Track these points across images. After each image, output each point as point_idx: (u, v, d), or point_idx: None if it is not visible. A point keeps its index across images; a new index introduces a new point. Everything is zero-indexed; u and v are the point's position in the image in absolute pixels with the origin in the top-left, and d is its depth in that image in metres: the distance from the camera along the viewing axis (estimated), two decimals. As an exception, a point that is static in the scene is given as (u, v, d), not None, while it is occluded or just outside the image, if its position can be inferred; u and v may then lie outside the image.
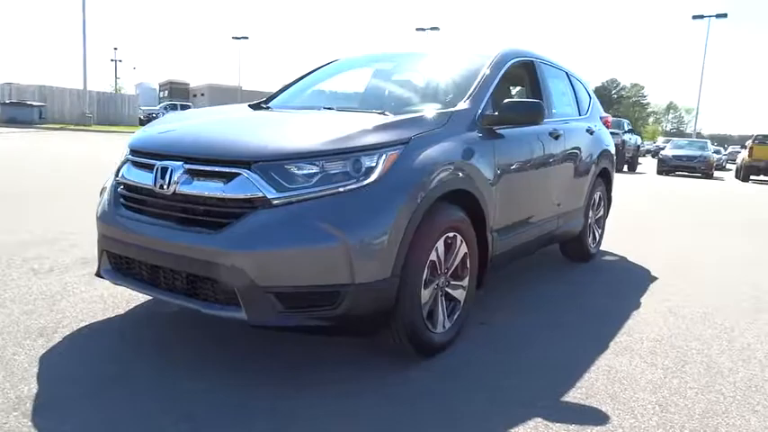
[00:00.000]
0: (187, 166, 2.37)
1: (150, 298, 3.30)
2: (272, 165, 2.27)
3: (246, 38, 60.93)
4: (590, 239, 4.80)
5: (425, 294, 2.53)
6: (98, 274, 2.75)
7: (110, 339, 2.77)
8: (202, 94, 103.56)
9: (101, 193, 2.93)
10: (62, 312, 3.03)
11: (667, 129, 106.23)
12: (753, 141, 20.74)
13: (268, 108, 3.51)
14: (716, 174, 23.07)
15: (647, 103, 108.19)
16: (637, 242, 5.95)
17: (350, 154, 2.32)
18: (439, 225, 2.53)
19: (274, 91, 3.94)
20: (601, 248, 5.24)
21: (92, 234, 2.87)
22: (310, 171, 2.27)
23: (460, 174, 2.71)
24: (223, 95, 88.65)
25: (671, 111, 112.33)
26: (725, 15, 37.16)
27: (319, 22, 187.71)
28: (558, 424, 2.16)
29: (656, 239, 6.39)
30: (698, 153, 21.69)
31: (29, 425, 1.98)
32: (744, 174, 20.78)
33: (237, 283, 2.19)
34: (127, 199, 2.62)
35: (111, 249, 2.64)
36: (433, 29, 50.38)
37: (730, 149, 40.61)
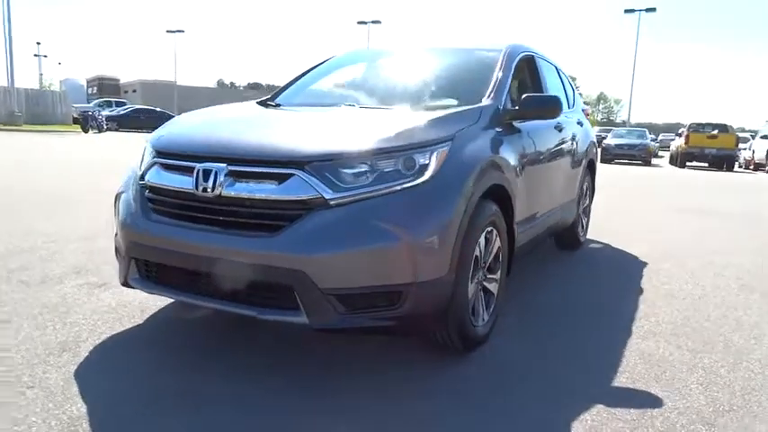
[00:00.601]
0: (231, 168, 2.28)
1: (165, 304, 3.19)
2: (327, 165, 2.21)
3: (182, 31, 58.90)
4: (579, 228, 4.95)
5: (471, 289, 2.54)
6: (125, 284, 2.61)
7: (141, 350, 2.64)
8: (134, 91, 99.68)
9: (117, 198, 2.78)
10: (77, 325, 2.86)
11: (599, 119, 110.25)
12: (688, 130, 21.90)
13: (278, 106, 3.40)
14: (652, 161, 24.18)
15: (580, 94, 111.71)
16: (613, 228, 6.16)
17: (403, 152, 2.29)
18: (482, 220, 2.54)
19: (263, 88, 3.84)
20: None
21: (71, 241, 2.72)
22: (365, 170, 2.23)
23: (497, 169, 2.73)
24: (157, 92, 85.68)
25: (601, 101, 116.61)
26: (654, 9, 38.89)
27: (259, 15, 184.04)
28: (619, 409, 2.21)
29: (630, 225, 6.63)
30: (638, 141, 22.73)
31: (92, 447, 1.87)
32: (681, 160, 21.91)
33: (298, 287, 2.13)
34: (158, 203, 2.49)
35: (141, 257, 2.51)
36: (374, 22, 50.37)
37: (662, 137, 42.60)
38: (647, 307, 3.50)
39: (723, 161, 21.47)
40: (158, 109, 36.91)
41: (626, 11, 40.22)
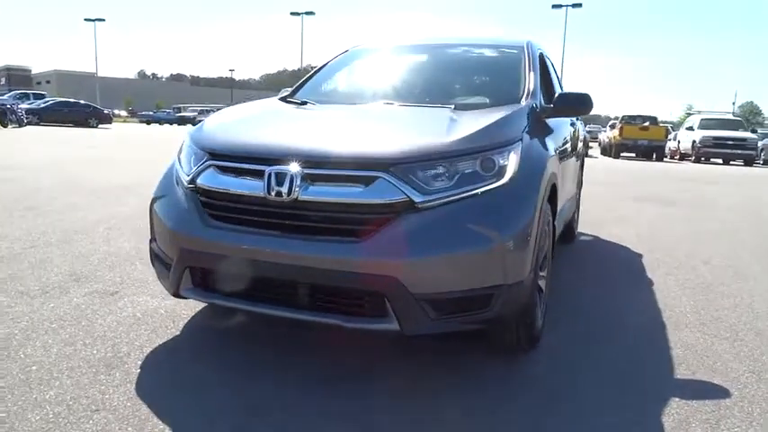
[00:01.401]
0: (307, 171, 2.16)
1: (193, 313, 3.02)
2: (412, 167, 2.14)
3: (103, 20, 55.89)
4: (574, 221, 5.08)
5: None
6: (177, 294, 2.43)
7: (193, 363, 2.47)
8: (48, 82, 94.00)
9: (153, 203, 2.59)
10: (109, 339, 2.65)
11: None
12: (621, 122, 23.01)
13: (306, 104, 3.26)
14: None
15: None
16: (593, 221, 6.35)
17: (483, 153, 2.25)
18: (546, 219, 2.55)
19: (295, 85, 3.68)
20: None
21: (55, 245, 2.53)
22: (447, 172, 2.18)
23: (553, 167, 2.74)
24: (74, 83, 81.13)
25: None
26: (580, 5, 40.47)
27: (179, 4, 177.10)
28: (694, 402, 2.27)
29: (597, 214, 6.86)
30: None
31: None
32: (615, 151, 22.98)
33: (389, 294, 2.06)
34: (216, 208, 2.33)
35: (198, 265, 2.35)
36: (308, 13, 49.75)
37: (588, 128, 44.54)
38: (663, 297, 3.64)
39: (653, 151, 22.69)
40: (82, 101, 34.95)
41: (553, 6, 41.64)
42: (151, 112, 60.00)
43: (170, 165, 2.74)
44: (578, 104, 3.16)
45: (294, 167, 2.16)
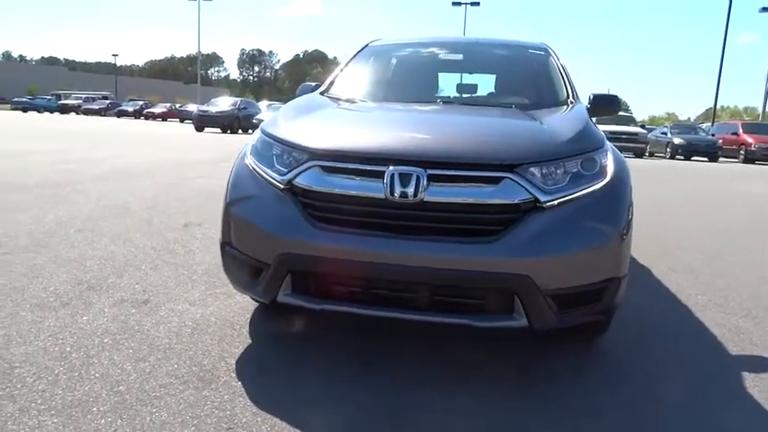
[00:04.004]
0: (431, 172, 2.15)
1: (246, 318, 2.89)
2: (534, 167, 2.20)
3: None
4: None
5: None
6: (273, 302, 2.31)
7: (289, 371, 2.37)
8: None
9: (231, 206, 2.45)
10: (181, 353, 2.47)
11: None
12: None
13: (353, 101, 3.18)
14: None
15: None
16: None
17: (588, 153, 2.35)
18: None
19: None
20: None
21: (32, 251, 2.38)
22: (561, 172, 2.25)
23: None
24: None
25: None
26: (478, 4, 42.05)
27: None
28: (764, 373, 2.53)
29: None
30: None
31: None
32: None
33: (521, 291, 2.10)
34: (321, 210, 2.24)
35: (303, 269, 2.25)
36: (203, -2, 47.68)
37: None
38: (684, 284, 3.93)
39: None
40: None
41: (453, 4, 42.96)
42: (25, 99, 54.90)
43: (236, 165, 2.60)
44: (610, 105, 3.36)
45: (417, 169, 2.14)
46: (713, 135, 25.49)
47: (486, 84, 3.52)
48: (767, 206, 9.22)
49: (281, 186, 2.31)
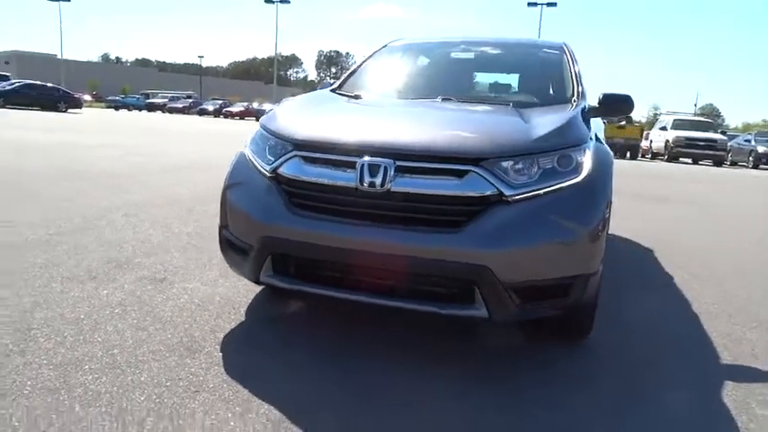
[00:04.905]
0: (399, 163, 2.25)
1: (250, 298, 3.08)
2: (501, 161, 2.25)
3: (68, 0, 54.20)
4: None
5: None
6: (258, 281, 2.49)
7: (282, 347, 2.54)
8: (7, 63, 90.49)
9: (227, 191, 2.64)
10: (178, 325, 2.69)
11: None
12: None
13: (358, 97, 3.33)
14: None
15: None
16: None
17: (562, 150, 2.37)
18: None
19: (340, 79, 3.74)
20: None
21: (80, 232, 2.59)
22: (531, 167, 2.29)
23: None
24: (36, 65, 78.44)
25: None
26: (555, 4, 41.10)
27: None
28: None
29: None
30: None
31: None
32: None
33: (480, 282, 2.16)
34: (302, 197, 2.39)
35: (281, 252, 2.41)
36: (282, 1, 49.27)
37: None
38: (700, 287, 3.84)
39: (629, 150, 23.24)
40: (50, 84, 33.93)
41: (529, 4, 42.18)
42: (118, 98, 58.65)
43: (238, 153, 2.79)
44: (622, 105, 3.32)
45: (386, 160, 2.25)
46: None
47: (496, 82, 3.56)
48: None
49: (268, 174, 2.48)
